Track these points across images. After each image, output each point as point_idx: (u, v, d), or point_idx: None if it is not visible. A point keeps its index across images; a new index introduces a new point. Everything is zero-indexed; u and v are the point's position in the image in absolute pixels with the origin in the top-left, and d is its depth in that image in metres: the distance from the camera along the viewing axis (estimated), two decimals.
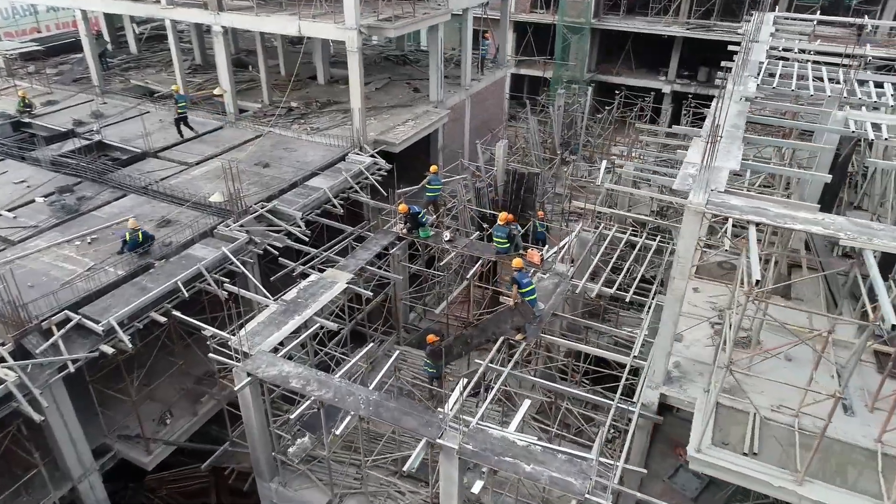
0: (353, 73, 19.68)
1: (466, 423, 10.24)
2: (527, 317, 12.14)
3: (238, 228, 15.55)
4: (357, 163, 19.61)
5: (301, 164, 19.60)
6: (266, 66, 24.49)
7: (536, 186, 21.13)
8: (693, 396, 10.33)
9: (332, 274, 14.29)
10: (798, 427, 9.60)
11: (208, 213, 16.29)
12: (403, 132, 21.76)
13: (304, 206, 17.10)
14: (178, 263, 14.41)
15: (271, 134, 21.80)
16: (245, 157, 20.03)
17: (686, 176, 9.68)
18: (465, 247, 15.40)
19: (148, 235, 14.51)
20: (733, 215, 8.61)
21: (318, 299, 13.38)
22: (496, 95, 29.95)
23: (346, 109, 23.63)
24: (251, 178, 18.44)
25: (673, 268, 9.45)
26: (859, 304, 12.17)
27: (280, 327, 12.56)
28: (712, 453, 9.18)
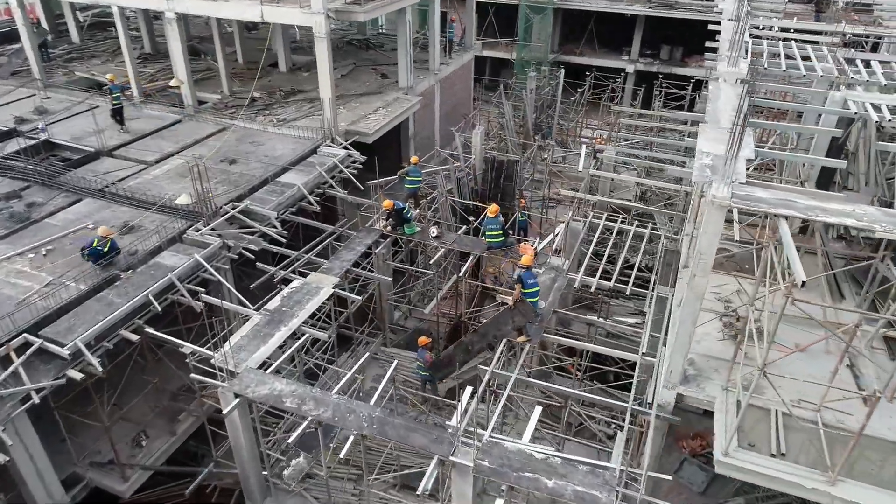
0: (322, 61, 18.59)
1: (478, 435, 9.64)
2: (528, 316, 11.56)
3: (209, 232, 14.47)
4: (330, 156, 18.62)
5: (270, 158, 18.49)
6: (224, 54, 23.06)
7: (516, 174, 20.51)
8: (711, 395, 9.93)
9: (316, 278, 13.40)
10: (822, 423, 9.29)
11: (175, 216, 15.10)
12: (376, 121, 20.79)
13: (279, 205, 16.08)
14: (147, 274, 13.29)
15: (235, 127, 20.53)
16: (209, 152, 18.77)
17: (703, 168, 9.17)
18: (453, 242, 14.69)
19: (114, 245, 13.31)
20: (761, 209, 8.14)
21: (305, 307, 12.51)
22: (464, 80, 29.10)
23: (312, 98, 22.52)
24: (218, 176, 17.26)
25: (693, 264, 8.96)
26: (863, 290, 12.03)
27: (266, 340, 11.66)
28: (741, 457, 8.80)
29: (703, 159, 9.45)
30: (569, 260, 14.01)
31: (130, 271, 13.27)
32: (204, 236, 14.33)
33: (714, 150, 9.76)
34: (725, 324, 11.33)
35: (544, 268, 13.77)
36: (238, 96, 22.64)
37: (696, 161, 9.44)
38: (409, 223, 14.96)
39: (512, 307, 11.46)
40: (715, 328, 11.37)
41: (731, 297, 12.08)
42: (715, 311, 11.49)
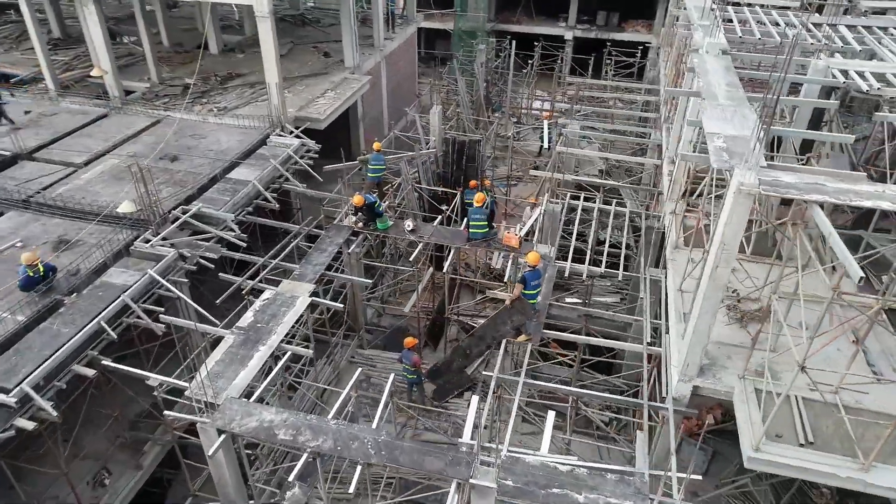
0: (266, 42, 17.02)
1: (495, 451, 8.96)
2: (527, 314, 10.88)
3: (160, 243, 12.99)
4: (282, 146, 17.21)
5: (216, 153, 16.90)
6: (148, 36, 20.93)
7: (478, 154, 19.68)
8: (729, 385, 9.60)
9: (289, 287, 12.25)
10: (842, 404, 9.10)
11: (118, 226, 13.50)
12: (326, 105, 19.42)
13: (234, 206, 14.68)
14: (94, 296, 11.78)
15: (170, 119, 18.68)
16: (145, 149, 16.99)
17: (719, 152, 8.62)
18: (431, 235, 13.79)
19: (49, 267, 11.70)
20: (791, 195, 7.67)
21: (282, 321, 11.39)
22: (408, 55, 27.81)
23: (252, 83, 20.85)
24: (160, 177, 15.57)
25: (715, 255, 8.44)
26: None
27: (245, 363, 10.52)
28: (773, 450, 8.49)
29: (716, 141, 8.90)
30: (554, 246, 13.39)
31: (75, 295, 11.72)
32: (155, 248, 12.86)
33: (723, 130, 9.24)
34: (729, 306, 11.02)
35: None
36: (169, 84, 20.70)
37: (709, 144, 8.87)
38: (382, 217, 13.94)
39: (510, 306, 10.74)
40: (720, 312, 11.01)
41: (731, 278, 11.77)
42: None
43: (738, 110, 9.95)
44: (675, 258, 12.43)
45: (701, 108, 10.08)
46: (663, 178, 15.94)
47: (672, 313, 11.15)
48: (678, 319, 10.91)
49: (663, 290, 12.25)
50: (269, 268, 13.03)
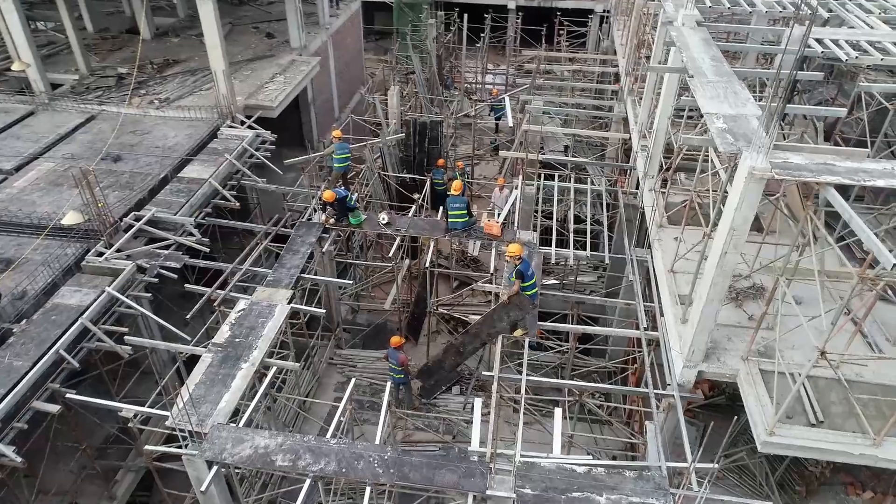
0: (209, 26, 15.74)
1: (508, 457, 8.60)
2: (525, 309, 10.48)
3: (115, 256, 11.89)
4: (235, 138, 16.09)
5: (163, 150, 15.63)
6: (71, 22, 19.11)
7: (440, 135, 19.02)
8: (734, 368, 9.51)
9: (264, 294, 11.44)
10: (845, 379, 9.15)
11: (64, 239, 12.27)
12: (277, 91, 18.28)
13: (192, 208, 13.61)
14: (48, 321, 10.67)
15: (106, 114, 17.18)
16: (83, 150, 15.57)
17: (723, 134, 8.32)
18: (408, 228, 13.15)
19: None
20: (804, 178, 7.44)
21: (262, 334, 10.61)
22: (354, 32, 26.62)
23: (193, 70, 19.43)
24: (104, 180, 14.26)
25: (724, 241, 8.19)
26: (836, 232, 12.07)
27: (227, 384, 9.74)
28: (786, 433, 8.43)
29: (716, 123, 8.60)
30: (536, 231, 13.00)
31: (24, 322, 10.58)
32: (109, 261, 11.76)
33: (720, 109, 8.94)
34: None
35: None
36: (100, 75, 19.02)
37: (710, 126, 8.56)
38: (354, 212, 13.20)
39: (507, 302, 10.31)
40: None
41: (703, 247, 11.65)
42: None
43: (728, 86, 9.67)
44: (661, 237, 12.26)
45: (692, 86, 9.75)
46: (635, 153, 15.74)
47: (666, 296, 10.97)
48: (673, 302, 10.75)
49: (651, 271, 12.05)
50: (240, 274, 12.14)
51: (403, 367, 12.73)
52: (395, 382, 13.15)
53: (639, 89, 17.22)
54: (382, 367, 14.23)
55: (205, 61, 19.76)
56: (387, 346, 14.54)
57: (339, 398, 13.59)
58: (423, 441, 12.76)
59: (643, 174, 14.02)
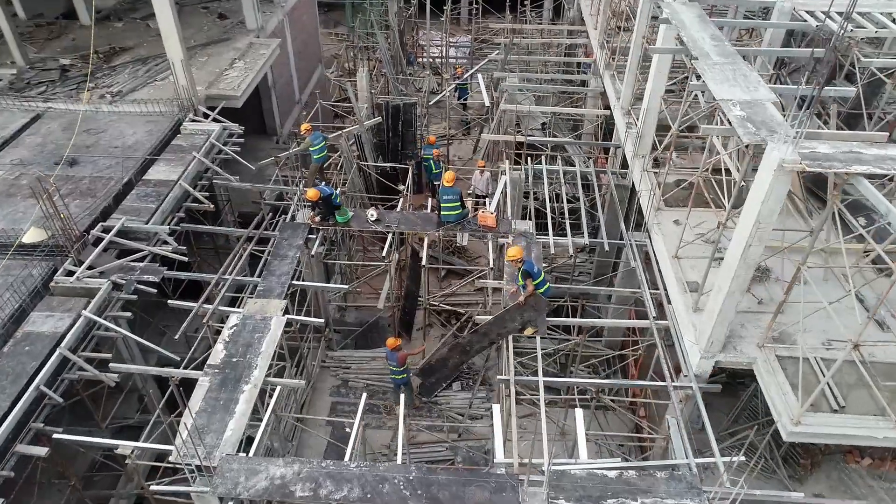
0: (164, 12, 14.46)
1: (536, 466, 8.35)
2: (541, 310, 10.14)
3: (87, 273, 10.96)
4: (200, 133, 15.06)
5: (123, 149, 14.50)
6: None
7: (414, 117, 18.31)
8: (751, 356, 9.44)
9: (256, 307, 10.76)
10: (859, 360, 9.18)
11: (27, 259, 11.24)
12: (239, 78, 17.17)
13: (163, 214, 12.69)
14: (21, 352, 9.77)
15: (54, 112, 15.81)
16: (32, 154, 14.31)
17: (743, 122, 8.03)
18: (399, 224, 12.57)
19: None
20: (834, 169, 7.24)
21: (260, 351, 9.97)
22: (310, 9, 25.28)
23: (144, 58, 18.08)
24: (62, 187, 13.08)
25: (749, 232, 7.96)
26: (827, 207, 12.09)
27: (230, 409, 9.12)
28: (811, 421, 8.42)
29: (734, 111, 8.30)
30: (531, 221, 12.63)
31: None
32: (82, 280, 10.84)
33: (734, 95, 8.65)
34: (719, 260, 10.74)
35: (512, 236, 12.29)
36: (41, 67, 17.47)
37: (728, 114, 8.26)
38: (340, 209, 12.53)
39: (523, 304, 9.94)
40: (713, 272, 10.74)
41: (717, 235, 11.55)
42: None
43: (736, 69, 9.38)
44: (660, 220, 12.07)
45: (699, 69, 9.41)
46: (619, 131, 15.45)
47: (672, 283, 10.82)
48: (681, 290, 10.61)
49: (652, 256, 11.86)
50: (225, 286, 11.38)
51: (404, 367, 12.33)
52: (397, 384, 12.76)
53: (617, 63, 16.88)
54: (378, 367, 13.80)
55: (155, 48, 18.52)
56: (380, 344, 14.15)
57: (336, 403, 13.22)
58: (429, 442, 12.45)
59: (633, 154, 13.75)
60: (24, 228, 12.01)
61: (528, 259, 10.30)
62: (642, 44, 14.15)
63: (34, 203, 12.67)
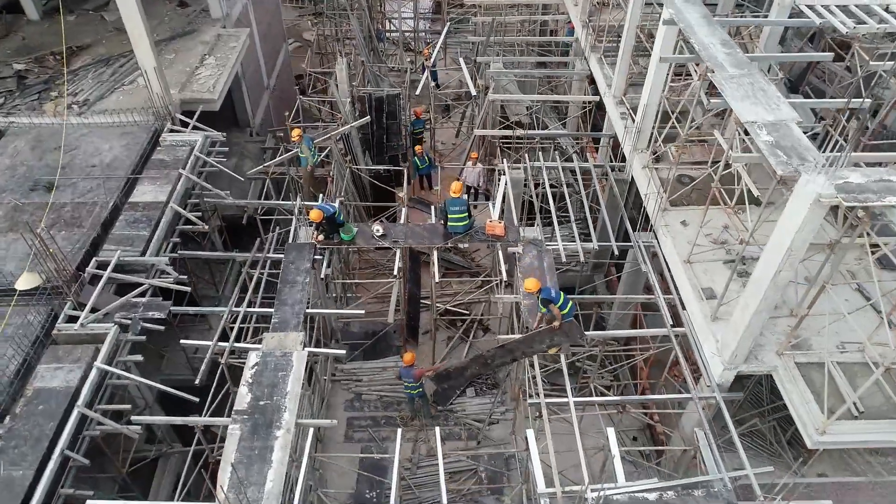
0: (132, 17, 13.47)
1: (571, 495, 8.57)
2: (573, 337, 10.14)
3: (93, 320, 10.47)
4: (182, 145, 14.31)
5: (102, 168, 13.68)
6: None
7: (398, 109, 17.80)
8: (771, 364, 9.74)
9: (274, 343, 10.49)
10: (873, 362, 9.58)
11: (21, 304, 10.64)
12: (212, 77, 16.29)
13: (158, 241, 12.13)
14: (35, 412, 9.38)
15: (17, 127, 14.74)
16: (3, 179, 13.39)
17: (773, 149, 8.03)
18: (408, 238, 12.34)
19: None
20: (870, 202, 7.33)
21: (287, 391, 9.78)
22: None
23: (106, 59, 16.98)
24: (41, 216, 12.41)
25: (781, 259, 8.06)
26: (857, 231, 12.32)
27: (266, 458, 8.99)
28: (836, 429, 8.80)
29: (762, 135, 8.29)
30: (538, 227, 12.57)
31: (7, 419, 9.24)
32: (87, 328, 10.36)
33: (759, 116, 8.62)
34: (740, 273, 10.99)
35: (521, 244, 12.21)
36: None
37: (756, 140, 8.24)
38: (345, 226, 12.21)
39: (555, 328, 9.94)
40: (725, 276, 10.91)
41: (726, 234, 11.72)
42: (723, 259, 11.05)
43: (753, 81, 9.32)
44: (668, 222, 12.14)
45: (717, 83, 9.32)
46: (611, 120, 15.33)
47: (687, 290, 10.98)
48: (697, 297, 10.79)
49: (662, 259, 11.98)
50: (229, 315, 11.04)
51: (419, 382, 12.35)
52: (410, 398, 12.79)
53: (604, 45, 16.60)
54: (390, 378, 13.77)
55: (115, 45, 17.41)
56: (389, 353, 14.11)
57: (352, 418, 13.21)
58: (450, 452, 12.60)
59: (631, 149, 13.70)
60: (8, 268, 11.37)
61: (545, 286, 10.24)
62: (635, 31, 13.96)
63: (15, 237, 12.10)
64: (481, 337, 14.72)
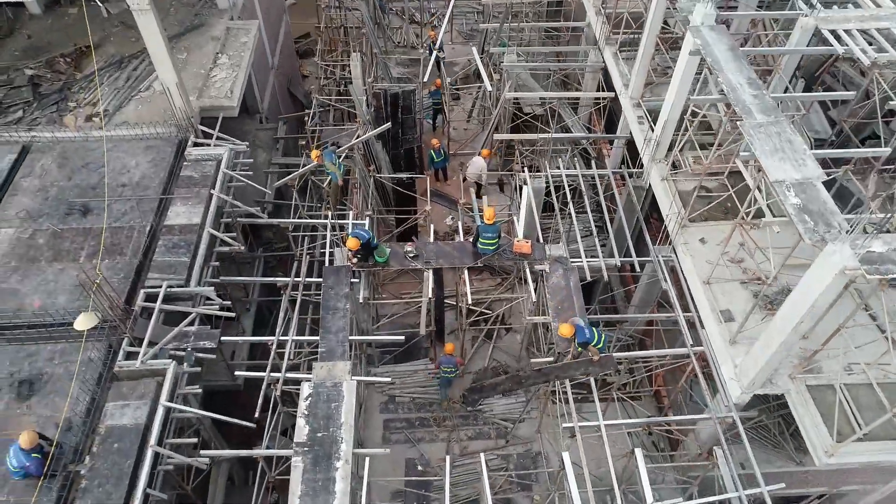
0: (154, 39, 13.33)
1: None
2: (608, 368, 10.98)
3: (149, 354, 11.08)
4: (208, 159, 14.48)
5: (133, 188, 13.91)
6: None
7: (413, 102, 17.88)
8: (785, 388, 10.64)
9: (324, 373, 11.21)
10: (875, 382, 10.48)
11: (75, 341, 11.14)
12: (228, 79, 16.27)
13: (200, 268, 12.61)
14: (111, 451, 10.11)
15: (40, 142, 14.77)
16: (37, 202, 13.60)
17: (801, 214, 8.59)
18: (438, 259, 12.90)
19: (42, 436, 9.66)
20: (892, 274, 7.96)
21: (341, 422, 10.57)
22: None
23: (119, 61, 16.75)
24: (82, 243, 12.80)
25: (802, 311, 8.78)
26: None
27: (330, 489, 9.87)
28: (844, 451, 9.79)
29: (790, 198, 8.81)
30: (564, 244, 13.14)
31: (87, 459, 10.01)
32: (147, 364, 11.00)
33: (787, 175, 9.10)
34: (755, 294, 11.70)
35: (547, 262, 12.83)
36: (6, 82, 15.96)
37: (784, 203, 8.77)
38: (378, 248, 12.72)
39: (594, 361, 10.76)
40: (746, 298, 11.68)
41: (741, 253, 12.32)
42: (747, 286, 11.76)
43: (780, 131, 9.73)
44: (687, 240, 12.74)
45: (745, 133, 9.72)
46: (627, 120, 15.62)
47: (707, 312, 11.73)
48: (716, 319, 11.57)
49: (681, 276, 12.65)
50: (274, 342, 11.69)
51: (459, 366, 13.58)
52: (446, 381, 13.82)
53: (620, 39, 16.59)
54: (421, 380, 14.65)
55: (123, 44, 17.20)
56: (418, 357, 14.98)
57: (388, 420, 14.18)
58: (481, 451, 13.65)
59: (650, 159, 14.12)
60: (60, 301, 11.86)
61: (579, 325, 10.92)
62: (655, 39, 14.11)
63: (61, 267, 12.50)
64: (504, 336, 15.50)
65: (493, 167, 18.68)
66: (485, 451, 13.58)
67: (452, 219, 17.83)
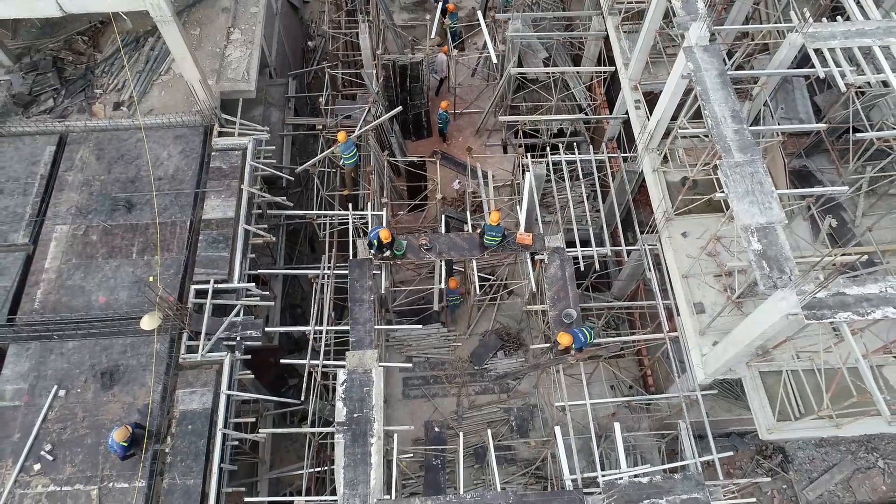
0: (174, 40, 13.97)
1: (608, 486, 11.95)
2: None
3: (209, 347, 13.06)
4: (234, 149, 15.59)
5: (168, 181, 15.13)
6: None
7: (421, 73, 18.55)
8: (741, 373, 12.73)
9: (355, 361, 13.26)
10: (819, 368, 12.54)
11: (143, 336, 13.07)
12: (243, 58, 16.85)
13: (241, 265, 14.26)
14: (187, 432, 12.39)
15: (74, 132, 15.76)
16: (83, 196, 14.90)
17: (760, 261, 10.14)
18: (450, 251, 14.53)
19: (135, 425, 11.86)
20: (826, 318, 9.67)
21: (373, 404, 12.79)
22: None
23: (136, 39, 17.18)
24: (131, 240, 14.33)
25: (753, 335, 10.63)
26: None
27: (367, 461, 12.28)
28: (781, 427, 12.08)
29: (753, 243, 10.33)
30: (561, 234, 14.71)
31: (169, 439, 12.34)
32: (205, 356, 13.03)
33: (753, 218, 10.51)
34: (726, 286, 13.48)
35: (545, 252, 14.49)
36: (31, 68, 16.56)
37: (746, 248, 10.30)
38: (396, 241, 14.31)
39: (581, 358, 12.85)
40: (715, 291, 13.48)
41: (718, 247, 13.94)
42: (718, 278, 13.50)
43: (754, 172, 10.96)
44: (672, 234, 14.28)
45: (722, 173, 10.98)
46: (626, 103, 16.49)
47: (682, 303, 13.52)
48: (690, 312, 13.43)
49: (663, 265, 14.33)
50: (324, 336, 13.63)
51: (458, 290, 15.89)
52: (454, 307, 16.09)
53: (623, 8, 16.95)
54: (434, 342, 16.82)
55: (137, 20, 17.42)
56: (429, 321, 17.06)
57: (406, 378, 16.52)
58: (486, 404, 16.13)
59: (643, 147, 15.26)
60: (122, 298, 13.60)
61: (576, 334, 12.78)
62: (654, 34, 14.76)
63: (116, 263, 14.13)
64: (506, 300, 17.44)
65: (496, 127, 19.66)
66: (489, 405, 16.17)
67: (459, 183, 19.12)
